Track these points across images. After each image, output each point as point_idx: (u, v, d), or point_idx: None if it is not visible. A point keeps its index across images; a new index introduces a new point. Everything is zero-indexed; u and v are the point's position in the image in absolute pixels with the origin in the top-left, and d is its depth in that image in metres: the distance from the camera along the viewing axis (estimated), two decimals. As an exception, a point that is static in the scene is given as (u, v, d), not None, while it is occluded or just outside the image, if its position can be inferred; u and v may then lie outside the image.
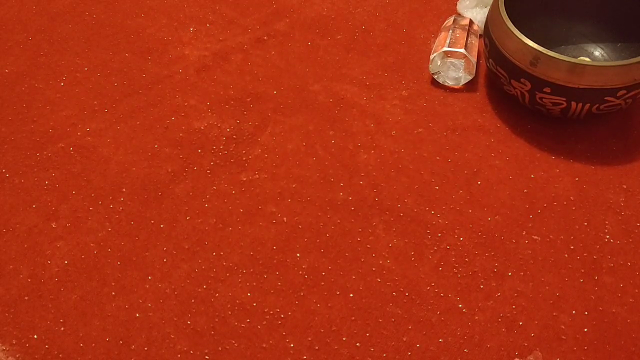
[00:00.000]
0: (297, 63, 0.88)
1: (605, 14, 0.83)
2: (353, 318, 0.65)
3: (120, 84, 0.85)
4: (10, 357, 0.63)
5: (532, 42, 0.71)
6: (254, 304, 0.65)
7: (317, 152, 0.78)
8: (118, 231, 0.71)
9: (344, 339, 0.63)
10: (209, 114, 0.82)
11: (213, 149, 0.78)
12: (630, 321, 0.64)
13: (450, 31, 0.85)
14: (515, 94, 0.77)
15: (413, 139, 0.79)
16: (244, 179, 0.75)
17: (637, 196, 0.74)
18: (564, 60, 0.70)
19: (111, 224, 0.72)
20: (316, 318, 0.65)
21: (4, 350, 0.63)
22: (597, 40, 0.84)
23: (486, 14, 0.81)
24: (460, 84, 0.84)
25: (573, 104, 0.73)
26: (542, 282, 0.67)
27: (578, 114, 0.75)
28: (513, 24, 0.73)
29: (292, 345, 0.63)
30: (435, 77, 0.84)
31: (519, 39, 0.72)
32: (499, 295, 0.66)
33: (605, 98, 0.72)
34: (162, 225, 0.71)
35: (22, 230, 0.71)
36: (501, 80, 0.77)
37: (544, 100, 0.74)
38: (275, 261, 0.69)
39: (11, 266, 0.69)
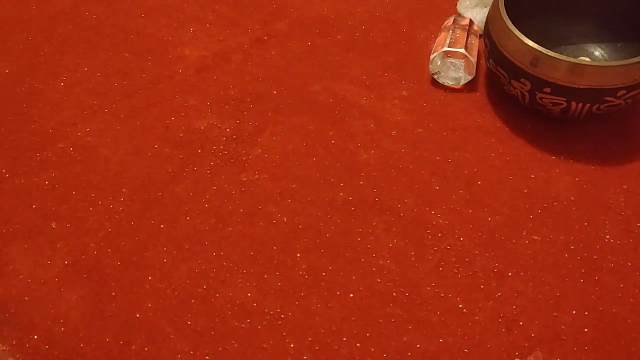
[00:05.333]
0: (297, 63, 0.88)
1: (605, 14, 0.83)
2: (353, 318, 0.65)
3: (120, 84, 0.85)
4: (10, 357, 0.63)
5: (532, 42, 0.71)
6: (254, 304, 0.65)
7: (317, 152, 0.78)
8: (118, 231, 0.71)
9: (344, 339, 0.63)
10: (209, 114, 0.82)
11: (213, 149, 0.78)
12: (630, 321, 0.64)
13: (450, 31, 0.85)
14: (516, 94, 0.77)
15: (413, 139, 0.79)
16: (244, 179, 0.75)
17: (637, 196, 0.74)
18: (564, 60, 0.70)
19: (111, 224, 0.72)
20: (316, 318, 0.65)
21: (4, 350, 0.63)
22: (597, 40, 0.84)
23: (486, 14, 0.81)
24: (460, 84, 0.84)
25: (573, 104, 0.73)
26: (542, 282, 0.67)
27: (578, 114, 0.75)
28: (513, 24, 0.73)
29: (292, 345, 0.63)
30: (436, 77, 0.84)
31: (519, 39, 0.72)
32: (499, 296, 0.66)
33: (605, 98, 0.72)
34: (162, 225, 0.71)
35: (22, 230, 0.71)
36: (501, 80, 0.77)
37: (544, 100, 0.74)
38: (275, 261, 0.69)
39: (11, 266, 0.69)
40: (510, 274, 0.68)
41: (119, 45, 0.90)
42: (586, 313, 0.65)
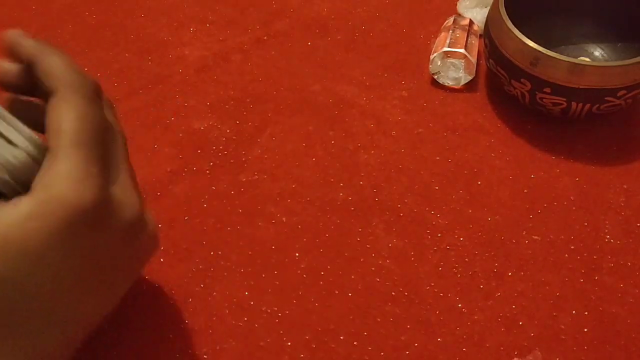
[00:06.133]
0: (297, 63, 0.88)
1: (605, 14, 0.83)
2: (351, 317, 0.64)
3: (120, 84, 0.85)
4: (8, 356, 0.62)
5: (532, 42, 0.71)
6: (252, 303, 0.65)
7: (317, 152, 0.78)
8: (117, 230, 0.71)
9: (341, 337, 0.63)
10: (209, 114, 0.82)
11: (212, 149, 0.78)
12: (630, 321, 0.64)
13: (450, 31, 0.85)
14: (516, 94, 0.76)
15: (413, 139, 0.79)
16: (244, 179, 0.75)
17: (637, 196, 0.74)
18: (564, 60, 0.70)
19: (110, 223, 0.71)
20: (314, 317, 0.64)
21: (1, 349, 0.63)
22: (597, 40, 0.84)
23: (486, 14, 0.81)
24: (460, 84, 0.84)
25: (573, 104, 0.73)
26: (542, 282, 0.67)
27: (578, 114, 0.74)
28: (513, 24, 0.73)
29: (289, 343, 0.63)
30: (436, 77, 0.84)
31: (519, 39, 0.72)
32: (498, 295, 0.66)
33: (606, 98, 0.71)
34: (160, 225, 0.71)
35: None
36: (501, 81, 0.77)
37: (544, 100, 0.74)
38: (273, 261, 0.68)
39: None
40: (510, 274, 0.67)
41: (119, 45, 0.90)
42: (586, 313, 0.65)
